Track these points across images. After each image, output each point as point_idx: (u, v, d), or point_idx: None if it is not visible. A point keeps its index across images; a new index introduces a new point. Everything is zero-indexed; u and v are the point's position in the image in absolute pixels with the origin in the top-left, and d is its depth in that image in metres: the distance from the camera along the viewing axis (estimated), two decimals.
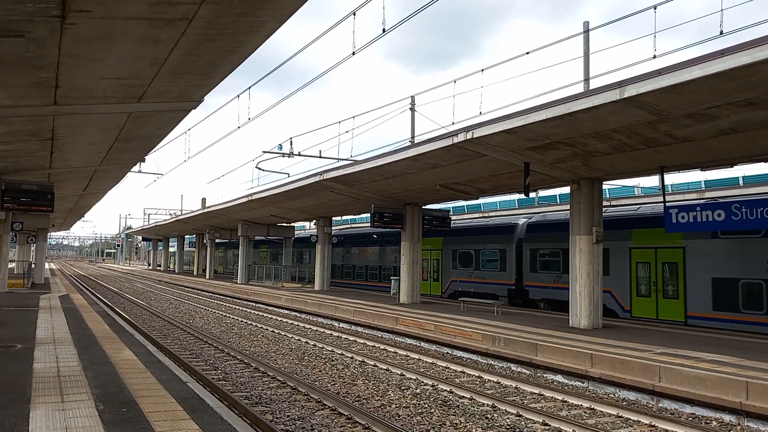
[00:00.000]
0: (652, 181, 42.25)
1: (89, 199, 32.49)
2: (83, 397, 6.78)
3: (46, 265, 51.87)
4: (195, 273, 54.33)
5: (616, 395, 10.62)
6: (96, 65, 8.39)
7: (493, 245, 25.83)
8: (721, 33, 11.82)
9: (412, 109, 24.42)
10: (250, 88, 20.32)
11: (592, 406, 9.60)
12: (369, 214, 22.60)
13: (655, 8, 12.93)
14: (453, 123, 19.65)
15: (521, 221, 25.66)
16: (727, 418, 9.00)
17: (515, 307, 22.71)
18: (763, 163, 14.24)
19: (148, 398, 6.81)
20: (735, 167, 14.71)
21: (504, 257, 25.07)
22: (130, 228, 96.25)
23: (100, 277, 55.93)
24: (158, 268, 74.29)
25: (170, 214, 64.91)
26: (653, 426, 8.63)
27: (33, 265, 31.78)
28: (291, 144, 24.62)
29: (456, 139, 14.09)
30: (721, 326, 16.42)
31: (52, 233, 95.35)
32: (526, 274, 23.70)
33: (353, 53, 13.96)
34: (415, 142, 21.58)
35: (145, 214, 77.07)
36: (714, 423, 8.93)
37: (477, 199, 23.53)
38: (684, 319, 17.53)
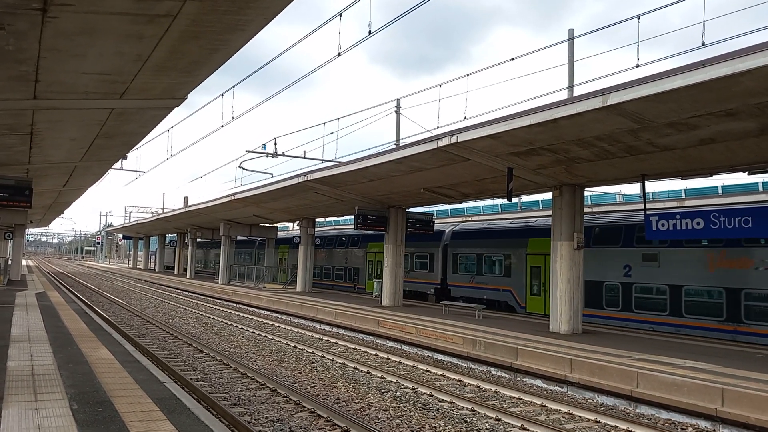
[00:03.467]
0: (634, 188, 42.82)
1: (69, 195, 32.03)
2: (57, 396, 6.67)
3: (24, 262, 51.07)
4: (176, 272, 53.84)
5: (595, 400, 10.69)
6: (77, 60, 8.28)
7: None
8: (703, 44, 11.99)
9: (398, 112, 24.44)
10: (234, 87, 20.20)
11: (571, 411, 9.65)
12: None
13: (638, 18, 13.08)
14: (438, 127, 19.70)
15: None
16: (703, 424, 9.11)
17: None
18: (741, 173, 14.45)
19: (124, 398, 6.71)
20: (714, 176, 14.93)
21: None
22: (110, 226, 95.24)
23: (78, 274, 55.18)
24: (138, 266, 73.49)
25: (152, 213, 64.29)
26: (630, 431, 8.70)
27: (10, 262, 31.26)
28: (275, 144, 24.51)
29: (440, 143, 14.12)
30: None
31: (30, 229, 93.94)
32: None
33: (339, 54, 13.95)
34: (400, 145, 21.60)
35: (126, 212, 76.19)
36: (690, 429, 9.03)
37: (460, 203, 23.61)
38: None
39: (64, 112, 11.50)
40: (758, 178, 27.97)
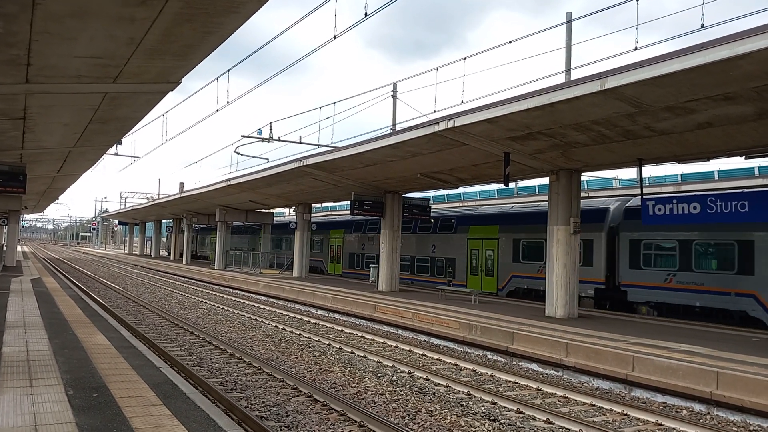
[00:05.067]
0: (630, 173, 42.81)
1: (63, 181, 31.89)
2: (53, 381, 6.65)
3: (19, 248, 50.93)
4: (172, 258, 53.80)
5: (590, 384, 10.74)
6: (69, 43, 8.17)
7: None
8: (702, 27, 11.90)
9: (394, 97, 24.32)
10: (228, 71, 20.02)
11: (566, 395, 9.70)
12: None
13: (637, 0, 12.96)
14: (435, 111, 19.57)
15: None
16: (698, 407, 9.16)
17: None
18: (738, 158, 14.43)
19: (120, 384, 6.70)
20: (711, 161, 14.90)
21: None
22: (106, 211, 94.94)
23: (74, 260, 55.08)
24: (135, 252, 73.42)
25: (147, 198, 64.07)
26: (625, 414, 8.75)
27: (5, 248, 31.16)
28: (270, 129, 24.39)
29: (437, 128, 14.04)
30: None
31: (25, 215, 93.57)
32: None
33: (335, 37, 13.80)
34: (396, 129, 21.50)
35: (121, 197, 75.88)
36: (684, 412, 9.08)
37: (457, 188, 23.63)
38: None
39: (56, 96, 11.38)
40: (755, 163, 28.04)
